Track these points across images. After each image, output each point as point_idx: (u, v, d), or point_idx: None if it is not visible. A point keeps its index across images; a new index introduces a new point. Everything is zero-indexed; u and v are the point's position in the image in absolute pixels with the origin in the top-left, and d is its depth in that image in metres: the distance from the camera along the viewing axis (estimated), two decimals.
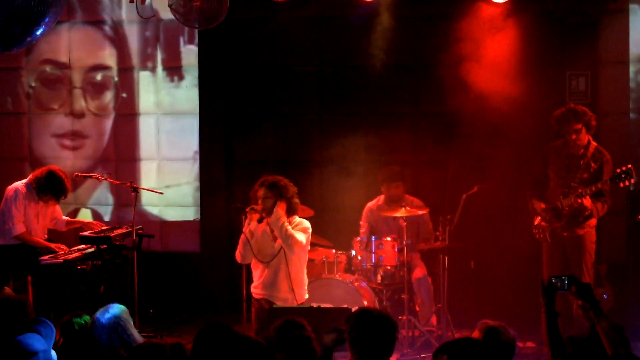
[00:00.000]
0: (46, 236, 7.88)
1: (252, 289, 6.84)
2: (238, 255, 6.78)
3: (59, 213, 8.04)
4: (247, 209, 6.71)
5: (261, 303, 6.75)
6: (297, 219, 6.82)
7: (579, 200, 7.00)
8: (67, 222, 8.09)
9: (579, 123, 7.13)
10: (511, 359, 4.32)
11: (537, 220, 7.40)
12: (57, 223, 8.03)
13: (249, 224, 6.72)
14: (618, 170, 6.89)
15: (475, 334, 4.36)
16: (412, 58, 8.90)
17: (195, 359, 4.22)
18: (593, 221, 7.26)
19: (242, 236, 6.73)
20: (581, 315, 4.56)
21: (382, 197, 8.25)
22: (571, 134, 7.16)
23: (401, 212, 7.69)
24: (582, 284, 4.26)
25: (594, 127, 7.20)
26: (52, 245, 7.64)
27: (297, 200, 6.80)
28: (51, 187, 7.68)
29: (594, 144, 7.25)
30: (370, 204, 8.31)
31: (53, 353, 4.61)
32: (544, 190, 7.41)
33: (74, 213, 9.30)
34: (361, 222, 8.27)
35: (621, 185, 6.90)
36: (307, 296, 6.81)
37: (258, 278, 6.81)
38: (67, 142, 9.44)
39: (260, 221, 6.72)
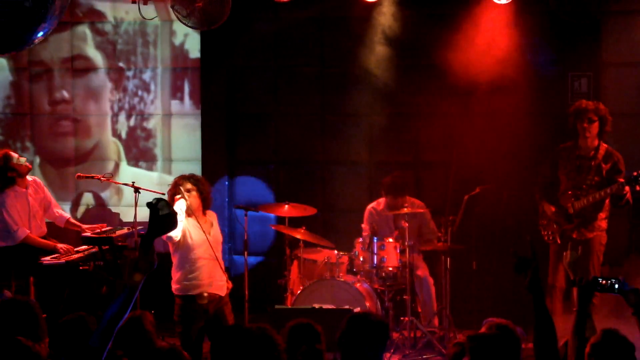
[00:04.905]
0: (45, 229, 7.71)
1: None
2: None
3: (54, 204, 7.82)
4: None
5: None
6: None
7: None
8: (69, 222, 7.90)
9: (595, 115, 7.12)
10: (519, 355, 4.28)
11: (546, 222, 7.37)
12: (57, 219, 7.83)
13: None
14: (635, 174, 6.82)
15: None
16: (414, 58, 8.88)
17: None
18: (603, 224, 7.24)
19: None
20: None
21: (382, 201, 8.21)
22: (584, 122, 7.12)
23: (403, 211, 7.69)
24: (633, 289, 4.19)
25: (607, 131, 7.18)
26: (59, 247, 7.52)
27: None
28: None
29: (604, 145, 7.23)
30: (370, 206, 8.28)
31: None
32: (554, 193, 7.39)
33: (78, 198, 9.32)
34: (363, 225, 8.23)
35: (637, 188, 6.82)
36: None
37: None
38: None
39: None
